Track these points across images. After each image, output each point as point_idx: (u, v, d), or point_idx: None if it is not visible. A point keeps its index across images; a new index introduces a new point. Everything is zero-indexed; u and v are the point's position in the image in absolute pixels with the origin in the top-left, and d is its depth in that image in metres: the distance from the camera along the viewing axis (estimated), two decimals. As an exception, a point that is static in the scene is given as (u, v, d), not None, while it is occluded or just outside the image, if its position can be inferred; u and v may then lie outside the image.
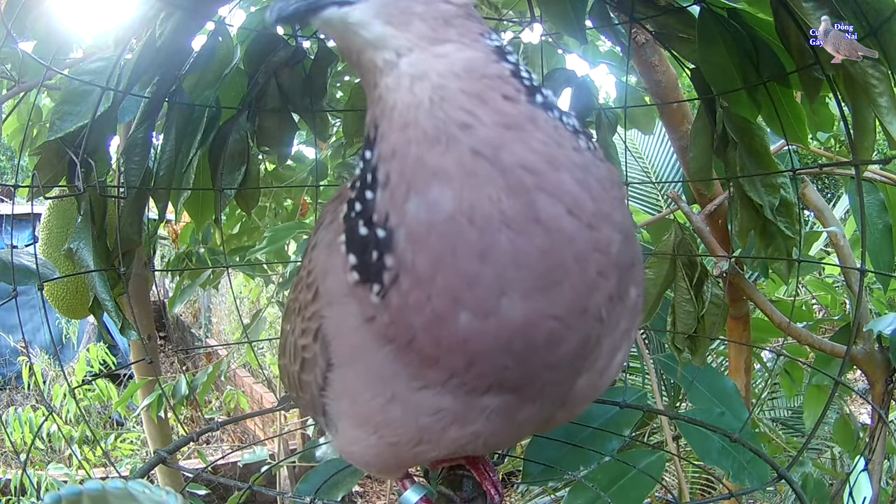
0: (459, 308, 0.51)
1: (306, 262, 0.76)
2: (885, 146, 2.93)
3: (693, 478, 3.27)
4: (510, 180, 0.50)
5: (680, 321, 1.45)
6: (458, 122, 0.51)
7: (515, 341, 0.53)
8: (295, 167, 2.40)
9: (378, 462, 0.78)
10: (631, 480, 1.29)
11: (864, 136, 1.04)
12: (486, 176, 0.50)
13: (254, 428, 5.30)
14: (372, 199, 0.54)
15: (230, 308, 6.75)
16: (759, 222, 1.32)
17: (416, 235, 0.51)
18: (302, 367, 0.76)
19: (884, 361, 1.55)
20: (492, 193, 0.50)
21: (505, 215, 0.50)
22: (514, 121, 0.52)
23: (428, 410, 0.62)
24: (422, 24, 0.53)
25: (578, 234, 0.51)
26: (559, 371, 0.58)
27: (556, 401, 0.64)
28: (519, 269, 0.50)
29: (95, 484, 0.66)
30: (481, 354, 0.54)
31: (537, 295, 0.51)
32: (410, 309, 0.53)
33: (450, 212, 0.50)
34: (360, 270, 0.57)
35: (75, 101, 1.11)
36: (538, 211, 0.50)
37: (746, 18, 1.19)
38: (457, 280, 0.51)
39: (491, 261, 0.50)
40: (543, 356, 0.55)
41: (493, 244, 0.50)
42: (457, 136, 0.51)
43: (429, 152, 0.51)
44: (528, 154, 0.51)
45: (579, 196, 0.52)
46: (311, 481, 1.30)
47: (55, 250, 1.41)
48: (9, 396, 6.36)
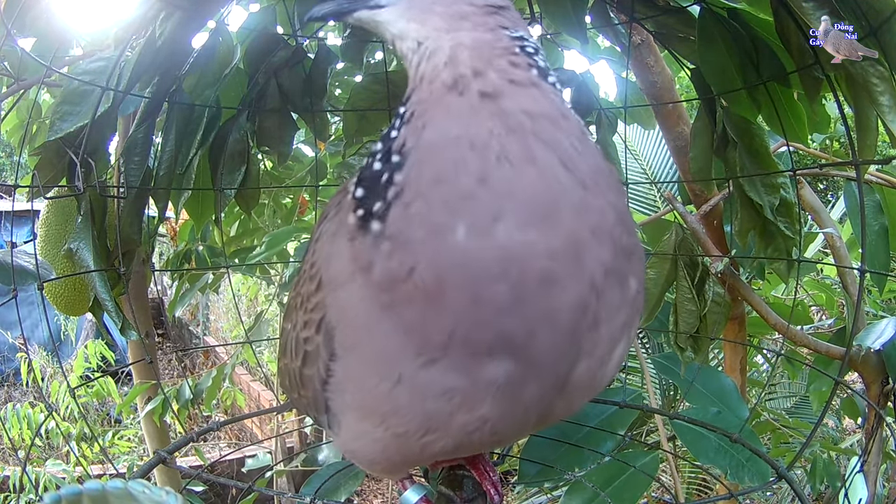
0: (457, 220, 0.55)
1: (309, 255, 0.77)
2: (883, 146, 2.93)
3: (690, 477, 3.28)
4: (510, 121, 0.57)
5: (682, 320, 1.45)
6: (472, 71, 0.60)
7: (511, 269, 0.55)
8: (294, 166, 2.40)
9: (383, 458, 0.76)
10: (627, 479, 1.29)
11: (866, 136, 1.04)
12: (489, 113, 0.57)
13: (251, 426, 5.30)
14: (395, 136, 0.61)
15: (228, 306, 6.74)
16: (759, 222, 1.32)
17: (424, 153, 0.58)
18: (304, 361, 0.76)
19: (879, 364, 1.55)
20: (493, 128, 0.57)
21: (503, 148, 0.56)
22: (519, 79, 0.60)
23: (435, 391, 0.61)
24: (439, 20, 0.63)
25: (571, 186, 0.57)
26: (558, 333, 0.59)
27: (557, 383, 0.63)
28: (513, 199, 0.55)
29: (95, 484, 0.65)
30: (479, 280, 0.55)
31: (531, 229, 0.55)
32: (411, 222, 0.57)
33: (455, 136, 0.57)
34: (365, 200, 0.61)
35: (75, 100, 1.11)
36: (533, 153, 0.56)
37: (746, 18, 1.19)
38: (456, 193, 0.55)
39: (488, 185, 0.55)
40: (540, 300, 0.56)
41: (491, 171, 0.55)
42: (469, 83, 0.59)
43: (446, 95, 0.60)
44: (531, 104, 0.58)
45: (574, 156, 0.58)
46: (314, 485, 1.30)
47: (54, 247, 1.41)
48: (7, 393, 6.36)
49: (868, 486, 1.47)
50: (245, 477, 3.71)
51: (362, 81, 1.49)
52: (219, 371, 2.29)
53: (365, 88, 1.47)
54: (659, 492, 2.87)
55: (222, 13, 1.32)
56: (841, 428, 3.66)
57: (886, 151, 2.82)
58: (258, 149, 1.47)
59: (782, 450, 2.35)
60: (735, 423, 1.34)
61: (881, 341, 1.43)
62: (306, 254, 0.80)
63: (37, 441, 3.83)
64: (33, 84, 1.50)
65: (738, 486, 1.28)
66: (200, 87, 1.32)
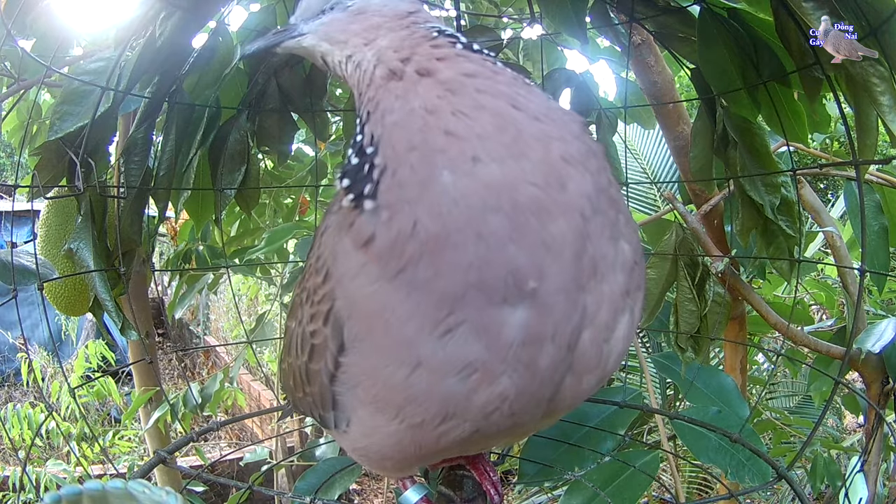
0: (439, 169, 0.59)
1: (315, 249, 0.78)
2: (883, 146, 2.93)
3: (690, 477, 3.28)
4: (451, 85, 0.63)
5: (683, 320, 1.45)
6: (401, 60, 0.67)
7: (502, 199, 0.58)
8: (294, 166, 2.40)
9: (397, 452, 0.75)
10: (627, 479, 1.29)
11: (867, 135, 1.04)
12: (431, 84, 0.64)
13: (252, 425, 5.30)
14: (362, 135, 0.66)
15: (228, 305, 6.74)
16: (760, 221, 1.32)
17: (391, 131, 0.63)
18: (311, 355, 0.75)
19: (879, 364, 1.55)
20: (438, 93, 0.63)
21: (454, 105, 0.62)
22: (445, 55, 0.67)
23: (455, 367, 0.61)
24: (356, 36, 0.73)
25: (526, 120, 0.62)
26: (562, 264, 0.60)
27: (570, 342, 0.63)
28: (480, 140, 0.60)
29: (95, 484, 0.66)
30: (476, 214, 0.58)
31: (506, 160, 0.59)
32: (402, 185, 0.60)
33: (410, 109, 0.63)
34: (353, 187, 0.64)
35: (75, 101, 1.11)
36: (481, 102, 0.62)
37: (746, 18, 1.19)
38: (429, 150, 0.60)
39: (453, 135, 0.60)
40: (537, 227, 0.59)
41: (451, 124, 0.61)
42: (403, 69, 0.66)
43: (388, 84, 0.66)
44: (464, 68, 0.65)
45: (519, 98, 0.63)
46: (310, 480, 1.30)
47: (54, 247, 1.41)
48: (7, 393, 6.37)
49: (868, 486, 1.47)
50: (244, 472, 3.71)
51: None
52: (224, 374, 2.28)
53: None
54: (659, 491, 2.87)
55: (222, 13, 1.32)
56: (841, 427, 3.67)
57: (887, 151, 2.82)
58: (258, 149, 1.46)
59: (783, 449, 2.36)
60: (736, 422, 1.34)
61: (881, 344, 1.43)
62: (311, 248, 0.81)
63: (37, 441, 3.83)
64: (33, 84, 1.50)
65: (739, 485, 1.28)
66: (200, 87, 1.32)
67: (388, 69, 0.67)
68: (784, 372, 3.56)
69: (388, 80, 0.67)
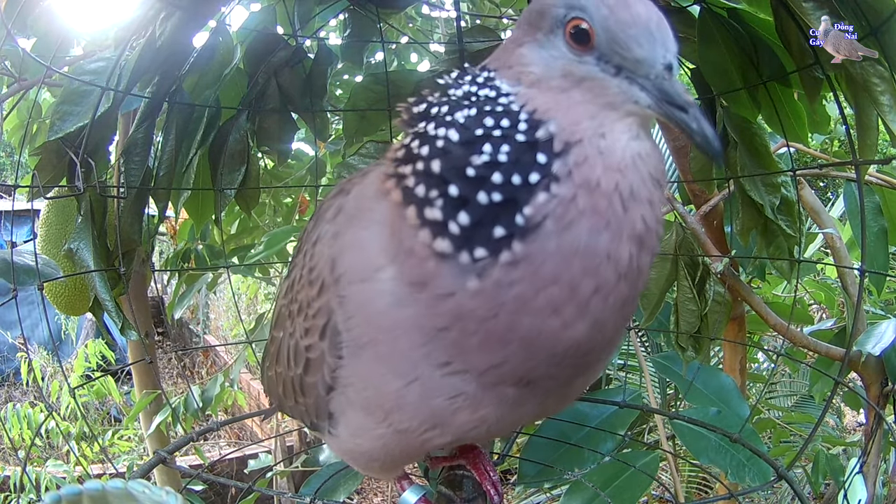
0: (553, 314, 0.58)
1: (306, 260, 0.75)
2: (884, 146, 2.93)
3: (690, 476, 3.28)
4: (632, 229, 0.59)
5: (683, 320, 1.45)
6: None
7: (558, 347, 0.60)
8: (294, 165, 2.39)
9: (383, 453, 0.76)
10: (627, 479, 1.29)
11: (867, 135, 1.04)
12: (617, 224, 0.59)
13: (252, 425, 5.30)
14: (527, 194, 0.57)
15: (228, 304, 6.74)
16: (760, 221, 1.32)
17: (567, 249, 0.57)
18: (306, 368, 0.75)
19: (878, 365, 1.55)
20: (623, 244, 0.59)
21: (621, 269, 0.59)
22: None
23: (446, 394, 0.64)
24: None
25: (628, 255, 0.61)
26: (574, 372, 0.66)
27: (558, 395, 0.70)
28: (605, 305, 0.59)
29: (95, 484, 0.65)
30: (543, 347, 0.60)
31: (600, 326, 0.61)
32: (514, 283, 0.58)
33: (603, 250, 0.58)
34: (462, 237, 0.58)
35: (75, 101, 1.11)
36: (640, 269, 0.61)
37: (746, 18, 1.19)
38: (566, 294, 0.58)
39: (600, 293, 0.58)
40: (572, 361, 0.63)
41: (606, 284, 0.58)
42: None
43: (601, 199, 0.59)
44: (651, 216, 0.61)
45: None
46: (314, 486, 1.30)
47: (54, 247, 1.41)
48: (7, 393, 6.36)
49: (867, 487, 1.47)
50: (245, 477, 3.71)
51: (362, 81, 1.49)
52: (225, 376, 2.28)
53: (365, 88, 1.47)
54: (659, 491, 2.87)
55: (223, 13, 1.32)
56: (841, 426, 3.66)
57: (886, 151, 2.82)
58: (258, 149, 1.46)
59: (783, 448, 2.36)
60: (736, 422, 1.34)
61: (881, 346, 1.42)
62: (298, 255, 0.79)
63: (37, 441, 3.82)
64: (34, 84, 1.50)
65: (738, 485, 1.28)
66: (200, 87, 1.32)
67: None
68: (784, 371, 3.56)
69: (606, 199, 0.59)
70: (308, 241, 0.77)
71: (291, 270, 0.82)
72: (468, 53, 1.41)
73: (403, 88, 1.44)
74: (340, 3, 1.47)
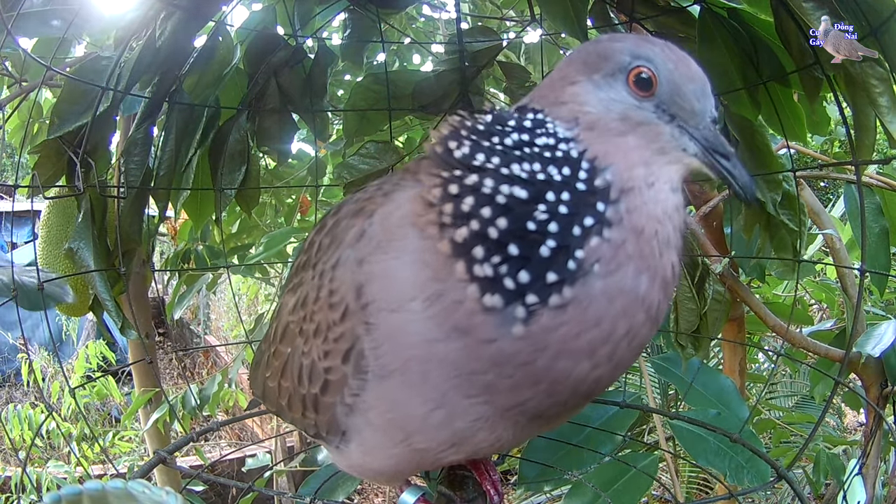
0: (590, 355, 0.61)
1: (323, 282, 0.73)
2: (884, 146, 2.93)
3: (690, 477, 3.28)
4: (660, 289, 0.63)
5: (683, 319, 1.45)
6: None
7: (581, 387, 0.64)
8: (295, 164, 2.40)
9: (393, 470, 0.78)
10: (628, 481, 1.29)
11: (865, 135, 1.04)
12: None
13: (252, 425, 5.29)
14: (581, 237, 0.60)
15: (228, 305, 6.74)
16: (763, 217, 1.32)
17: (611, 290, 0.60)
18: (324, 389, 0.74)
19: (878, 367, 1.55)
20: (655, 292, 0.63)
21: (651, 310, 0.62)
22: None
23: (470, 418, 0.67)
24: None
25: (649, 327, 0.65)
26: (586, 401, 0.72)
27: (568, 416, 0.76)
28: (630, 346, 0.63)
29: (95, 484, 0.65)
30: (568, 388, 0.63)
31: (620, 364, 0.64)
32: (557, 332, 0.60)
33: (642, 293, 0.61)
34: (516, 292, 0.60)
35: (75, 100, 1.11)
36: (661, 308, 0.64)
37: (746, 18, 1.19)
38: (604, 335, 0.60)
39: (630, 335, 0.62)
40: (587, 394, 0.67)
41: (639, 325, 0.62)
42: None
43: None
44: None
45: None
46: (313, 486, 1.30)
47: (55, 247, 1.41)
48: (8, 393, 6.36)
49: (867, 488, 1.47)
50: (245, 477, 3.71)
51: (362, 81, 1.49)
52: (223, 375, 2.28)
53: (365, 88, 1.47)
54: (659, 491, 2.87)
55: (223, 13, 1.32)
56: (842, 427, 3.66)
57: (886, 151, 2.82)
58: (258, 149, 1.46)
59: (783, 448, 2.36)
60: (735, 424, 1.34)
61: (881, 348, 1.42)
62: (310, 274, 0.76)
63: (38, 441, 3.83)
64: (35, 87, 1.50)
65: (738, 486, 1.28)
66: (200, 87, 1.32)
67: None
68: (784, 371, 3.56)
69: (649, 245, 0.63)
70: (323, 260, 0.74)
71: (299, 285, 0.79)
72: (468, 54, 1.41)
73: (403, 88, 1.44)
74: (340, 3, 1.47)
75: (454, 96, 1.42)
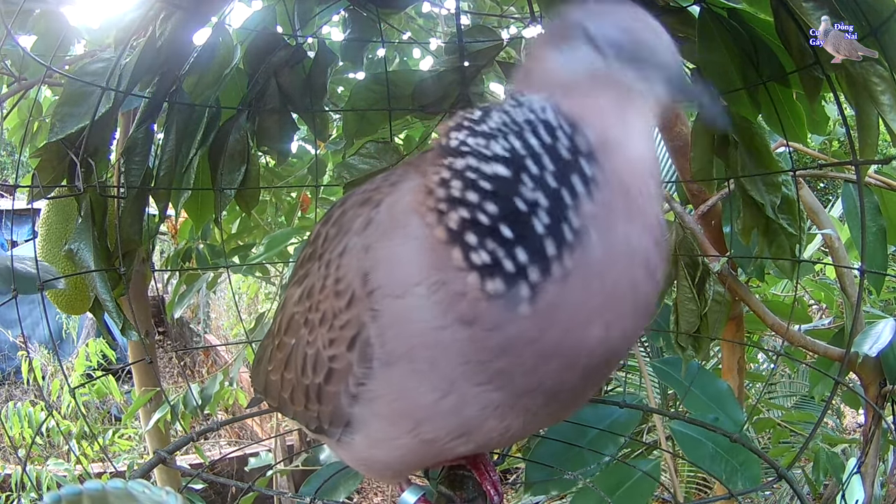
0: (600, 321, 0.61)
1: (329, 270, 0.74)
2: (884, 146, 2.93)
3: (689, 477, 3.28)
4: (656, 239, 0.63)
5: (683, 320, 1.45)
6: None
7: (592, 363, 0.64)
8: (295, 163, 2.39)
9: (400, 463, 0.78)
10: (633, 485, 1.29)
11: (868, 134, 1.04)
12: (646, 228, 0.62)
13: (252, 424, 5.30)
14: (574, 205, 0.60)
15: (229, 304, 6.75)
16: (761, 220, 1.32)
17: (611, 251, 0.60)
18: (328, 378, 0.74)
19: (877, 366, 1.55)
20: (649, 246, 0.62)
21: (650, 269, 0.62)
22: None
23: (480, 405, 0.66)
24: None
25: (648, 303, 0.65)
26: (593, 379, 0.70)
27: (578, 398, 0.74)
28: (636, 307, 0.62)
29: (95, 484, 0.66)
30: (579, 367, 0.63)
31: (627, 331, 0.64)
32: (565, 304, 0.60)
33: (640, 250, 0.61)
34: (516, 273, 0.60)
35: (76, 101, 1.11)
36: (658, 268, 0.63)
37: (746, 18, 1.19)
38: (610, 298, 0.60)
39: (635, 293, 0.61)
40: (599, 367, 0.66)
41: (641, 283, 0.61)
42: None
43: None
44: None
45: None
46: (314, 485, 1.30)
47: (55, 246, 1.41)
48: (7, 391, 6.36)
49: (866, 487, 1.47)
50: (246, 476, 3.71)
51: (362, 81, 1.49)
52: (224, 374, 2.28)
53: (365, 88, 1.47)
54: (659, 491, 2.87)
55: (223, 12, 1.32)
56: (841, 428, 3.66)
57: (886, 151, 2.82)
58: (258, 149, 1.46)
59: (782, 448, 2.36)
60: (732, 428, 1.34)
61: (878, 347, 1.41)
62: (317, 265, 0.77)
63: (37, 440, 3.83)
64: (34, 84, 1.50)
65: (735, 488, 1.28)
66: (200, 87, 1.32)
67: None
68: (783, 372, 3.56)
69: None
70: (330, 249, 0.75)
71: (305, 277, 0.80)
72: (468, 52, 1.42)
73: (404, 88, 1.44)
74: (341, 2, 1.48)
75: (454, 96, 1.42)
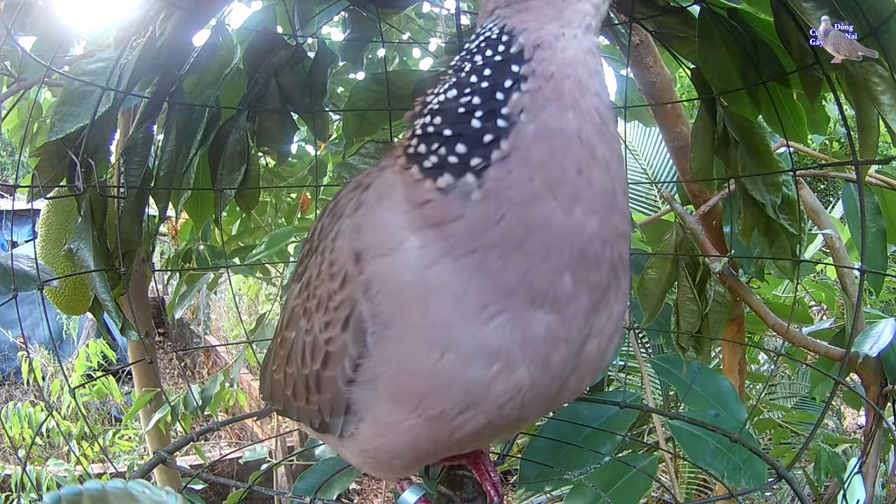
0: (551, 196, 0.63)
1: (323, 257, 0.76)
2: (884, 147, 2.93)
3: (689, 477, 3.28)
4: (600, 127, 0.65)
5: (684, 320, 1.45)
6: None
7: (575, 240, 0.64)
8: (295, 163, 2.39)
9: (409, 450, 0.75)
10: (628, 481, 1.29)
11: (868, 134, 1.04)
12: (590, 110, 0.65)
13: (252, 425, 5.30)
14: (504, 99, 0.64)
15: (229, 305, 6.75)
16: (762, 220, 1.32)
17: (538, 133, 0.63)
18: (325, 362, 0.75)
19: (877, 366, 1.55)
20: (589, 130, 0.64)
21: (594, 149, 0.64)
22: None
23: (482, 355, 0.65)
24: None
25: (616, 189, 0.67)
26: (593, 295, 0.67)
27: (578, 349, 0.70)
28: (591, 190, 0.64)
29: (95, 484, 0.65)
30: (554, 240, 0.64)
31: (593, 216, 0.64)
32: (512, 183, 0.63)
33: (573, 129, 0.64)
34: (459, 164, 0.64)
35: (75, 101, 1.11)
36: (606, 158, 0.65)
37: (746, 18, 1.19)
38: (557, 176, 0.63)
39: (582, 176, 0.63)
40: (588, 267, 0.66)
41: (586, 166, 0.64)
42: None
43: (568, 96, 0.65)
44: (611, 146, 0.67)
45: (616, 163, 0.68)
46: (309, 480, 1.30)
47: (54, 246, 1.41)
48: (8, 392, 6.37)
49: (866, 487, 1.47)
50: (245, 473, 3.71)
51: (362, 81, 1.49)
52: (225, 375, 2.28)
53: (365, 88, 1.47)
54: (659, 491, 2.87)
55: (223, 13, 1.32)
56: (841, 429, 3.67)
57: (887, 151, 2.82)
58: (258, 149, 1.46)
59: (782, 449, 2.36)
60: (733, 426, 1.34)
61: (878, 347, 1.41)
62: (314, 258, 0.78)
63: (37, 440, 3.83)
64: (34, 84, 1.50)
65: (736, 486, 1.28)
66: (200, 87, 1.32)
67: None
68: (784, 373, 3.56)
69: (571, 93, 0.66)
70: (325, 238, 0.77)
71: (304, 271, 0.82)
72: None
73: (404, 88, 1.44)
74: (341, 2, 1.47)
75: (454, 96, 1.42)
